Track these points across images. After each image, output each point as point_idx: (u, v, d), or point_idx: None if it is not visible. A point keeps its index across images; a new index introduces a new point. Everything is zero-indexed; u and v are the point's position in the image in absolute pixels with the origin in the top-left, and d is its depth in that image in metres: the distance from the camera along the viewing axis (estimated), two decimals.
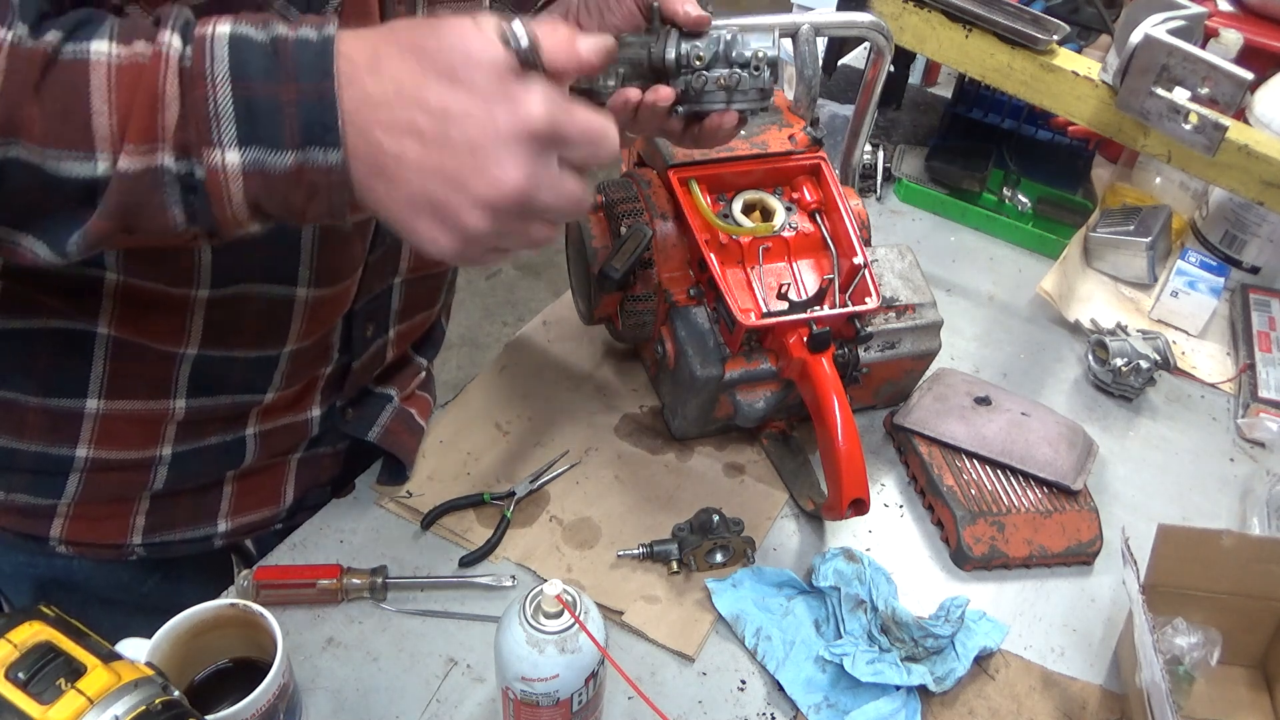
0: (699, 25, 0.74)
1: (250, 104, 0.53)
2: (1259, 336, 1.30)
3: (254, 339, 0.82)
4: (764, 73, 0.75)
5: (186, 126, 0.53)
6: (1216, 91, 1.01)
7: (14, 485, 0.84)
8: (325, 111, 0.53)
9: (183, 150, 0.53)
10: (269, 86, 0.53)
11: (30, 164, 0.52)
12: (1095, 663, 0.93)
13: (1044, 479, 1.02)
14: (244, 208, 0.56)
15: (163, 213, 0.55)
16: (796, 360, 0.93)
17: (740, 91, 0.76)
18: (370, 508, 0.98)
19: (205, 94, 0.53)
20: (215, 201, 0.55)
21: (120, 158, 0.53)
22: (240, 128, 0.53)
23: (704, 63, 0.74)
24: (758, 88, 0.76)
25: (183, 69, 0.53)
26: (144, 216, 0.55)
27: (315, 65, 0.53)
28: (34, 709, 0.58)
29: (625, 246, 0.96)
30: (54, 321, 0.77)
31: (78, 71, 0.52)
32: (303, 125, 0.54)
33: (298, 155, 0.54)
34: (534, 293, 3.03)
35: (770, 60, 0.75)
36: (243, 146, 0.54)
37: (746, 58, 0.74)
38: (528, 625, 0.69)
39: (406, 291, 0.94)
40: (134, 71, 0.52)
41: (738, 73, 0.74)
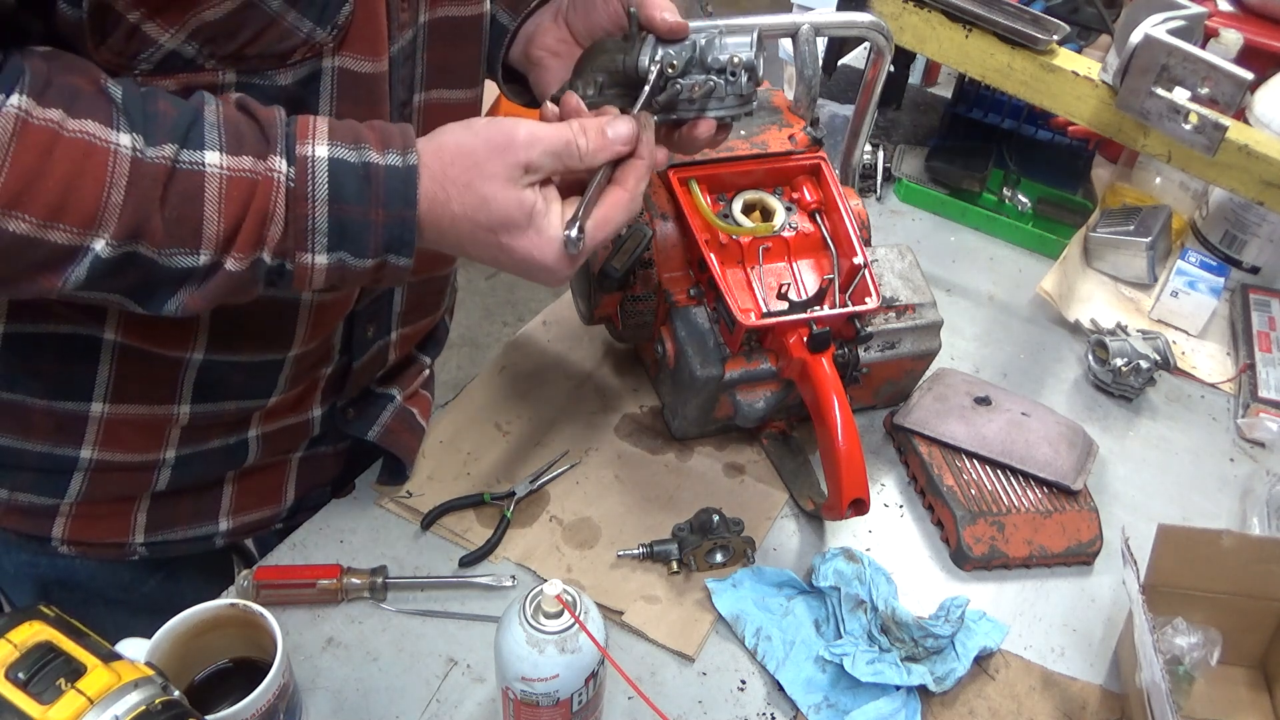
0: (675, 33, 0.73)
1: (343, 223, 0.63)
2: (1259, 336, 1.30)
3: (259, 344, 0.82)
4: (740, 78, 0.73)
5: (286, 238, 0.63)
6: (1216, 91, 1.01)
7: (19, 484, 0.84)
8: (405, 232, 0.65)
9: (280, 254, 0.64)
10: (360, 209, 0.63)
11: (147, 258, 0.60)
12: (1095, 663, 0.93)
13: (1044, 479, 1.02)
14: (321, 285, 0.66)
15: (250, 290, 0.65)
16: (796, 360, 0.93)
17: (716, 98, 0.74)
18: (370, 508, 0.98)
19: (306, 213, 0.63)
20: (298, 284, 0.66)
21: (229, 260, 0.62)
22: (331, 239, 0.64)
23: (678, 70, 0.72)
24: (736, 94, 0.74)
25: (288, 190, 0.62)
26: (236, 294, 0.65)
27: (400, 194, 0.64)
28: (34, 709, 0.58)
29: (625, 246, 0.96)
30: (62, 326, 0.77)
31: (194, 183, 0.60)
32: (386, 241, 0.65)
33: (377, 260, 0.66)
34: (534, 293, 3.03)
35: (747, 65, 0.73)
36: (331, 253, 0.64)
37: (723, 62, 0.73)
38: (528, 625, 0.69)
39: (409, 294, 0.94)
40: (245, 186, 0.61)
41: (713, 80, 0.73)
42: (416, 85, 0.80)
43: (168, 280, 0.62)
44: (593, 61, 0.75)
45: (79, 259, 0.58)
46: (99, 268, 0.59)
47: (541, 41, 0.85)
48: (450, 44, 0.82)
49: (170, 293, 0.63)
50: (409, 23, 0.76)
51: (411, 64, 0.79)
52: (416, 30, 0.77)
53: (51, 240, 0.57)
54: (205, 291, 0.63)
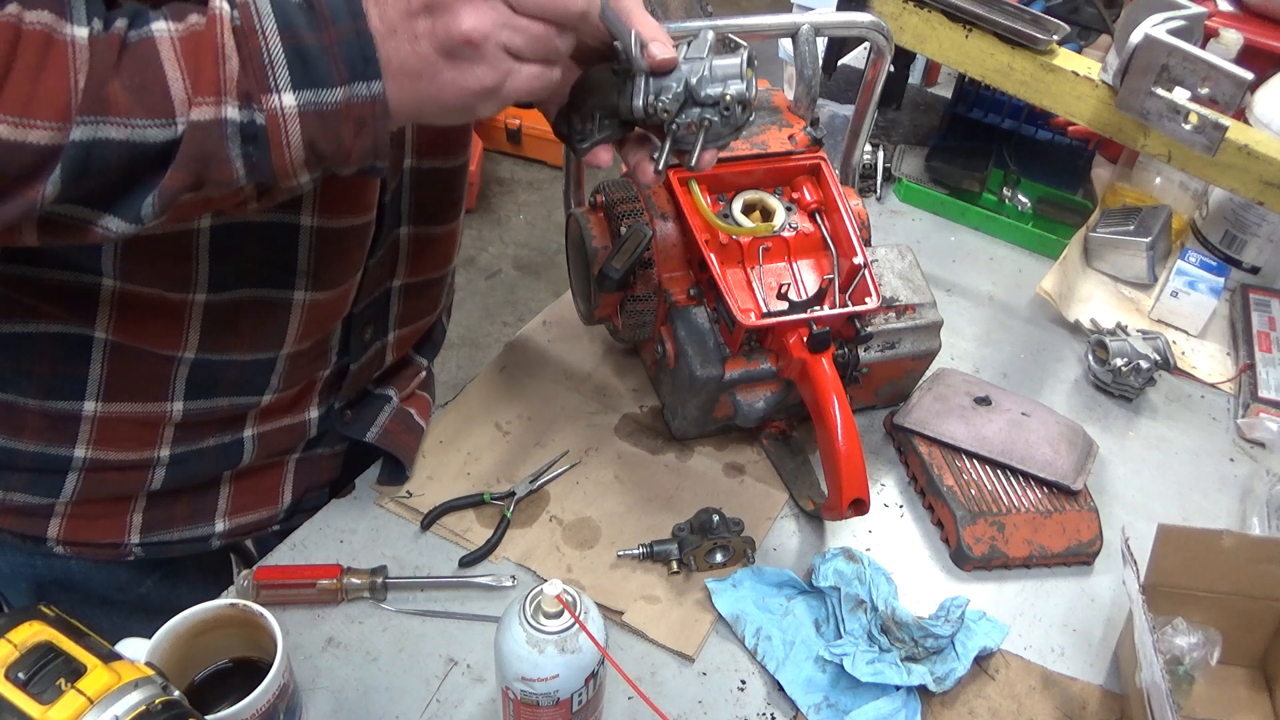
0: (664, 68, 0.71)
1: (300, 50, 0.59)
2: (1259, 336, 1.30)
3: (251, 342, 0.82)
4: (735, 112, 0.72)
5: (246, 76, 0.58)
6: (1216, 91, 1.01)
7: (12, 485, 0.84)
8: (364, 46, 0.60)
9: (244, 98, 0.59)
10: (313, 34, 0.59)
11: (119, 140, 0.57)
12: (1095, 663, 0.93)
13: (1044, 479, 1.02)
14: (300, 150, 0.60)
15: (227, 165, 0.60)
16: (796, 360, 0.93)
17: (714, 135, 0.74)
18: (370, 508, 0.98)
19: (259, 45, 0.58)
20: (274, 147, 0.60)
21: (192, 110, 0.58)
22: (294, 73, 0.59)
23: (672, 114, 0.71)
24: (732, 125, 0.73)
25: (235, 27, 0.58)
26: (212, 168, 0.59)
27: (345, 9, 0.60)
28: (34, 709, 0.58)
29: (625, 246, 0.96)
30: (53, 326, 0.77)
31: (148, 47, 0.57)
32: (347, 62, 0.60)
33: (345, 90, 0.60)
34: (534, 293, 3.03)
35: (740, 99, 0.72)
36: (297, 90, 0.59)
37: (715, 98, 0.72)
38: (528, 625, 0.69)
39: (406, 296, 0.94)
40: (195, 38, 0.58)
41: (708, 117, 0.72)
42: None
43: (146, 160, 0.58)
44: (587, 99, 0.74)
45: (59, 156, 0.56)
46: (76, 159, 0.56)
47: None
48: None
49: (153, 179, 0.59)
50: None
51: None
52: None
53: (31, 141, 0.55)
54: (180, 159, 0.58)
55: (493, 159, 3.49)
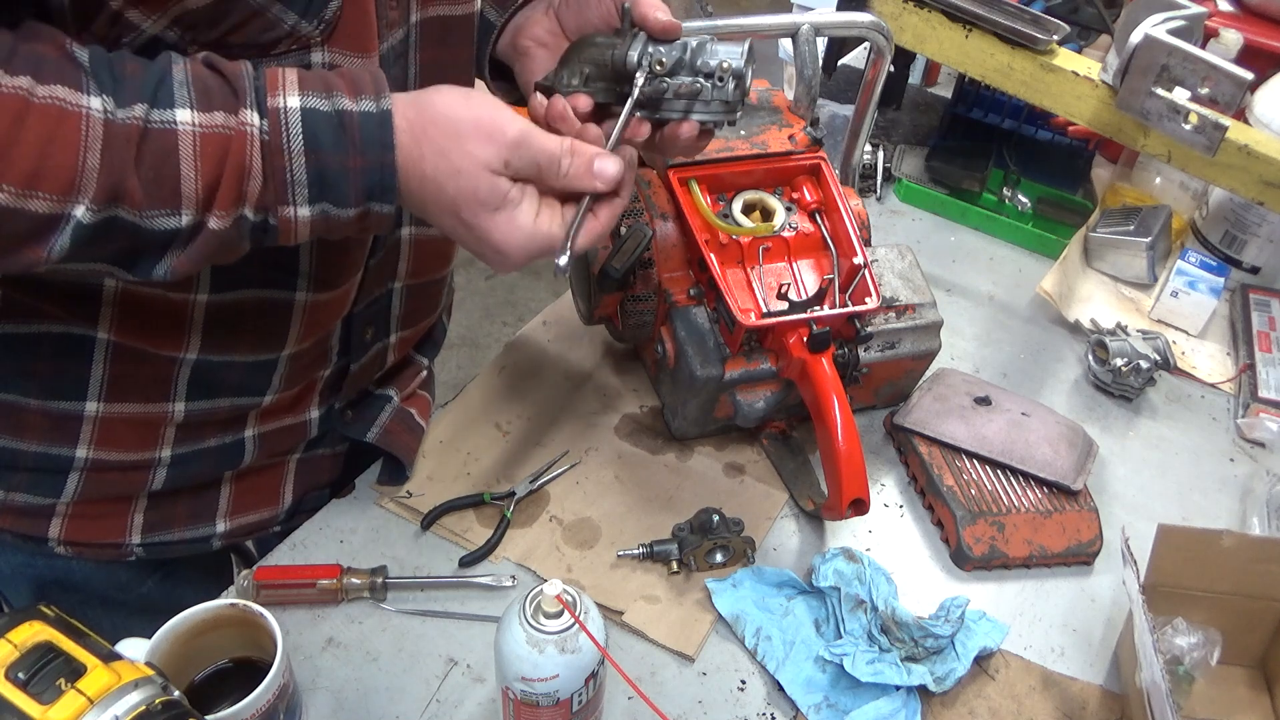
0: (668, 33, 0.72)
1: (322, 173, 0.63)
2: (1259, 336, 1.30)
3: (252, 343, 0.82)
4: (728, 84, 0.72)
5: (267, 192, 0.62)
6: (1216, 91, 1.01)
7: (14, 484, 0.84)
8: (386, 177, 0.65)
9: (261, 209, 0.63)
10: (338, 157, 0.63)
11: (129, 222, 0.60)
12: (1095, 663, 0.93)
13: (1044, 479, 1.02)
14: (306, 237, 0.66)
15: (237, 247, 0.65)
16: (796, 360, 0.93)
17: (702, 101, 0.73)
18: (370, 508, 0.98)
19: (284, 165, 0.62)
20: (283, 237, 0.65)
21: (212, 219, 0.61)
22: (312, 190, 0.63)
23: (665, 69, 0.71)
24: (721, 100, 0.73)
25: (263, 143, 0.61)
26: (222, 253, 0.64)
27: (377, 139, 0.63)
28: (34, 709, 0.58)
29: (625, 246, 0.96)
30: (54, 326, 0.77)
31: (168, 141, 0.59)
32: (366, 189, 0.64)
33: (359, 209, 0.65)
34: (534, 293, 3.03)
35: (735, 72, 0.72)
36: (313, 204, 0.64)
37: (711, 67, 0.72)
38: (528, 625, 0.69)
39: (407, 297, 0.94)
40: (219, 143, 0.60)
41: (699, 82, 0.72)
42: (410, 84, 0.80)
43: (153, 243, 0.61)
44: (580, 53, 0.75)
45: (61, 227, 0.57)
46: (82, 234, 0.58)
47: (530, 32, 0.85)
48: (442, 44, 0.81)
49: (157, 256, 0.62)
50: (398, 21, 0.76)
51: (403, 63, 0.79)
52: (408, 30, 0.77)
53: (31, 210, 0.56)
54: (191, 253, 0.62)
55: None
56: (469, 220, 0.67)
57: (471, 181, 0.66)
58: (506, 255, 0.69)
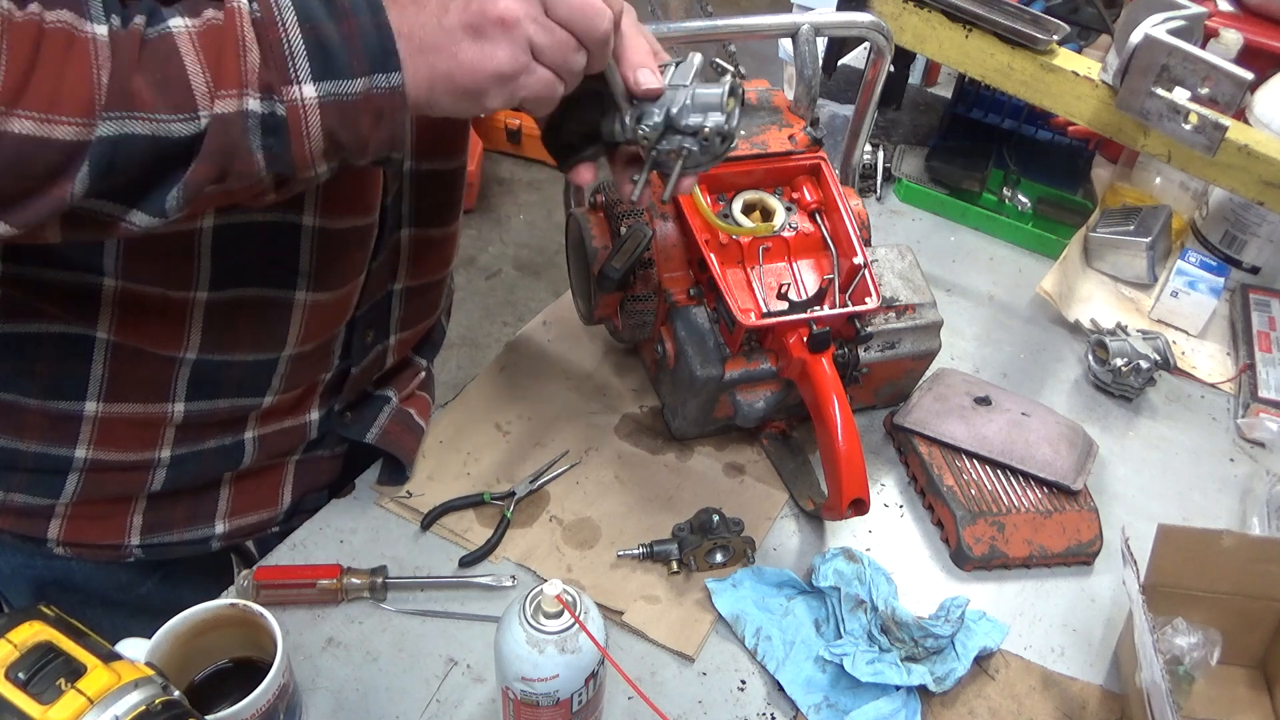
0: (648, 97, 0.71)
1: (320, 41, 0.60)
2: (1259, 336, 1.30)
3: (252, 343, 0.82)
4: (713, 143, 0.73)
5: (268, 68, 0.59)
6: (1216, 91, 1.01)
7: (13, 485, 0.84)
8: (384, 39, 0.61)
9: (266, 90, 0.59)
10: (332, 25, 0.60)
11: (145, 134, 0.57)
12: (1095, 663, 0.93)
13: (1044, 479, 1.02)
14: (319, 140, 0.61)
15: (249, 157, 0.60)
16: (796, 360, 0.93)
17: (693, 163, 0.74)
18: (370, 508, 0.98)
19: (279, 36, 0.59)
20: (294, 138, 0.61)
21: (215, 104, 0.58)
22: (314, 64, 0.60)
23: (652, 141, 0.72)
24: (711, 154, 0.74)
25: (255, 19, 0.59)
26: (235, 160, 0.60)
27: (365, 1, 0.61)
28: (34, 709, 0.58)
29: (625, 246, 0.96)
30: (54, 326, 0.77)
31: (167, 43, 0.58)
32: (367, 54, 0.61)
33: (365, 81, 0.61)
34: (534, 293, 3.03)
35: (719, 131, 0.72)
36: (317, 81, 0.60)
37: (694, 127, 0.72)
38: (528, 625, 0.69)
39: (407, 299, 0.94)
40: (214, 32, 0.59)
41: (687, 145, 0.72)
42: None
43: (171, 155, 0.59)
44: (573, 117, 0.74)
45: (84, 155, 0.57)
46: (102, 157, 0.57)
47: None
48: None
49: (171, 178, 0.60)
50: None
51: None
52: None
53: (57, 137, 0.56)
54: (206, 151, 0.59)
55: (493, 159, 3.49)
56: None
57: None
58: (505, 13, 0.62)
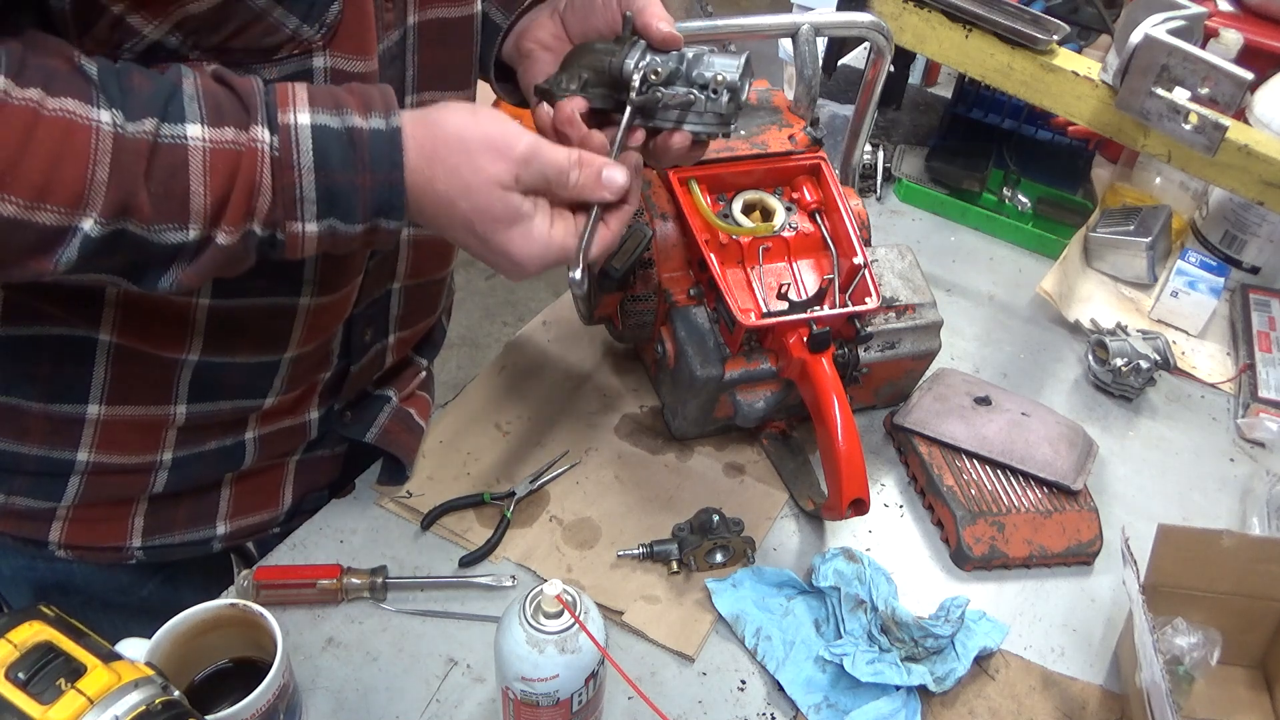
0: (667, 44, 0.73)
1: (331, 190, 0.63)
2: (1259, 336, 1.30)
3: (255, 345, 0.82)
4: (721, 96, 0.72)
5: (276, 208, 0.63)
6: (1216, 91, 1.01)
7: (15, 488, 0.84)
8: (394, 196, 0.65)
9: (269, 224, 0.63)
10: (347, 175, 0.63)
11: (137, 235, 0.60)
12: (1095, 663, 0.93)
13: (1044, 479, 1.02)
14: (314, 250, 0.66)
15: (243, 262, 0.65)
16: (796, 360, 0.93)
17: (695, 112, 0.74)
18: (370, 508, 0.98)
19: (294, 182, 0.62)
20: (289, 251, 0.66)
21: (219, 234, 0.62)
22: (320, 207, 0.64)
23: (660, 79, 0.72)
24: (715, 111, 0.73)
25: (273, 159, 0.62)
26: (229, 267, 0.65)
27: (386, 157, 0.64)
28: (34, 709, 0.58)
29: (625, 246, 0.96)
30: (56, 329, 0.77)
31: (177, 156, 0.59)
32: (375, 206, 0.65)
33: (367, 225, 0.66)
34: (534, 293, 3.03)
35: (730, 85, 0.72)
36: (320, 220, 0.64)
37: (706, 79, 0.72)
38: (528, 625, 0.69)
39: (406, 298, 0.94)
40: (229, 158, 0.60)
41: (694, 93, 0.72)
42: (408, 87, 0.81)
43: (160, 257, 0.61)
44: (580, 58, 0.75)
45: (69, 240, 0.58)
46: (89, 247, 0.58)
47: (535, 35, 0.85)
48: (441, 45, 0.82)
49: (163, 270, 0.62)
50: (394, 23, 0.76)
51: (400, 65, 0.79)
52: (405, 31, 0.77)
53: (40, 222, 0.56)
54: (198, 266, 0.63)
55: None
56: (485, 236, 0.68)
57: (485, 199, 0.66)
58: (523, 266, 0.69)
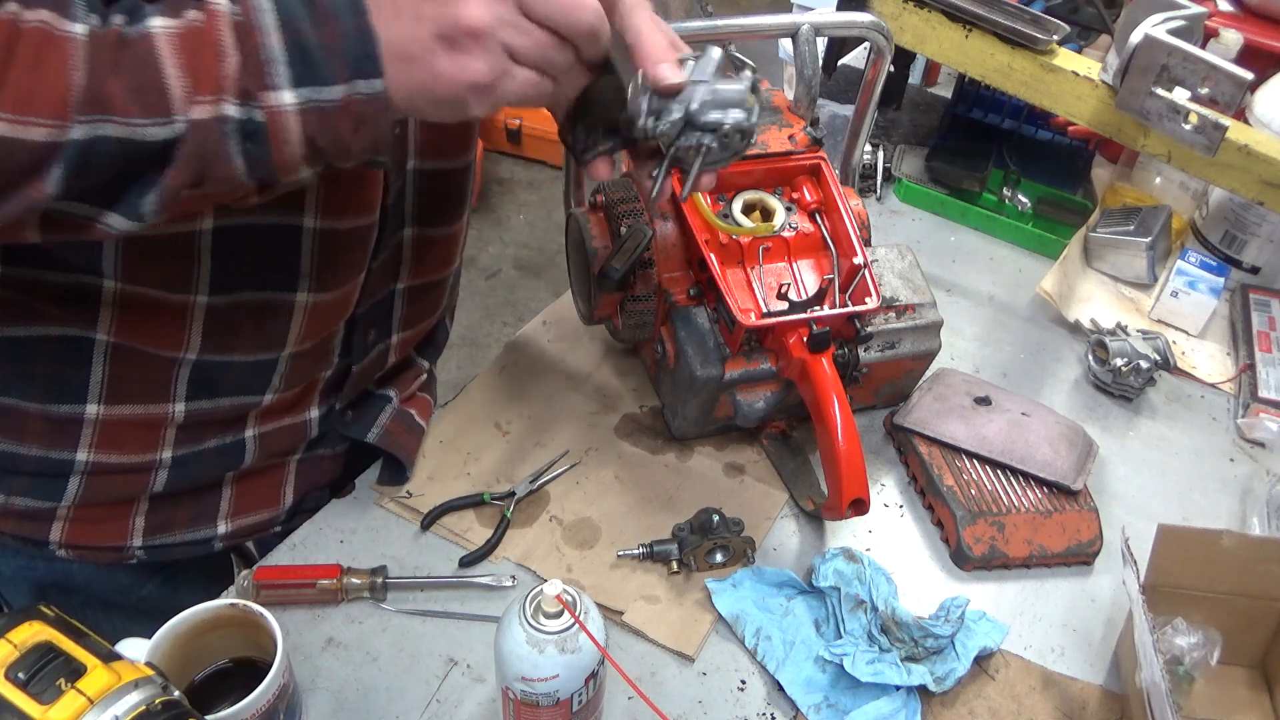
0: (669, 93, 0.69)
1: (301, 46, 0.58)
2: (1259, 336, 1.30)
3: (253, 343, 0.82)
4: (733, 140, 0.71)
5: (246, 72, 0.58)
6: (1216, 91, 1.01)
7: (15, 489, 0.84)
8: (367, 43, 0.59)
9: (244, 96, 0.58)
10: (313, 29, 0.58)
11: (118, 138, 0.56)
12: (1095, 663, 0.93)
13: (1044, 479, 1.02)
14: (300, 146, 0.60)
15: (227, 163, 0.59)
16: (796, 360, 0.93)
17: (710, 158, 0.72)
18: (370, 508, 0.98)
19: (259, 41, 0.58)
20: (274, 143, 0.60)
21: (192, 109, 0.57)
22: (294, 69, 0.59)
23: (670, 139, 0.70)
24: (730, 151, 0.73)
25: (235, 23, 0.58)
26: (213, 166, 0.59)
27: (348, 3, 0.59)
28: (34, 709, 0.58)
29: (625, 246, 0.96)
30: (54, 329, 0.77)
31: (145, 44, 0.57)
32: (348, 59, 0.59)
33: (346, 88, 0.60)
34: (534, 293, 3.03)
35: (740, 129, 0.71)
36: (297, 86, 0.59)
37: (715, 124, 0.70)
38: (528, 625, 0.69)
39: (409, 298, 0.94)
40: (193, 34, 0.57)
41: (706, 143, 0.71)
42: None
43: (142, 160, 0.58)
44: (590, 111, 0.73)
45: (57, 156, 0.56)
46: (75, 156, 0.56)
47: None
48: None
49: (148, 181, 0.59)
50: None
51: None
52: None
53: (30, 139, 0.55)
54: (181, 157, 0.58)
55: (493, 159, 3.50)
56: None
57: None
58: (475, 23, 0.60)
